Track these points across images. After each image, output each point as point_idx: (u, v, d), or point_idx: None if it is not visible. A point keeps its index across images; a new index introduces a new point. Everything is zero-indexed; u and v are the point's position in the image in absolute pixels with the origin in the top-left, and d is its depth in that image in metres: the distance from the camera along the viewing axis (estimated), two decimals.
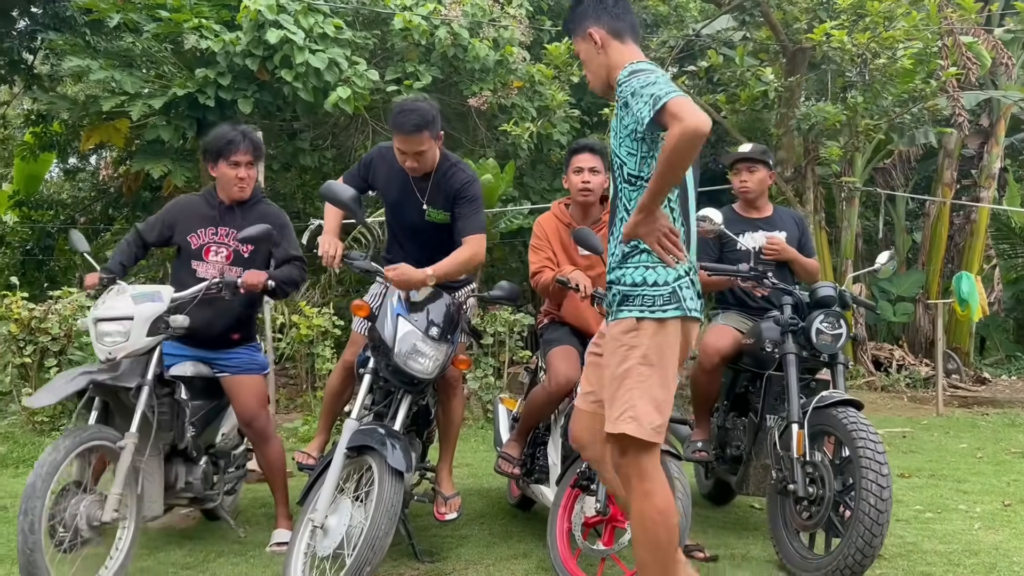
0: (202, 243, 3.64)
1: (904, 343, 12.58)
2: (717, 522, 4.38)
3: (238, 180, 3.60)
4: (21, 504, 2.85)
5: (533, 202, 10.38)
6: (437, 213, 3.63)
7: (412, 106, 3.49)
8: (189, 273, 3.62)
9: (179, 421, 3.46)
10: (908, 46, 6.46)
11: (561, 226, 3.96)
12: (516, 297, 3.66)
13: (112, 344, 3.13)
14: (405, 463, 3.00)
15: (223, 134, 3.64)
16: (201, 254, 3.63)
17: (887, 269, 4.21)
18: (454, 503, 3.72)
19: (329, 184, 3.37)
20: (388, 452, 2.97)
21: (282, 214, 3.79)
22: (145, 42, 8.78)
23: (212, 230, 3.65)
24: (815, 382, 3.83)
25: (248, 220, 3.59)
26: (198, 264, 3.63)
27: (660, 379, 2.46)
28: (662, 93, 2.31)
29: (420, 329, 3.20)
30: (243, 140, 3.59)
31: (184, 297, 3.38)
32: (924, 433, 7.48)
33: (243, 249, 3.63)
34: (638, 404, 2.44)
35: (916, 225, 14.31)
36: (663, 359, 2.47)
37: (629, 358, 2.46)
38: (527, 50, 9.90)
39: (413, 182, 3.61)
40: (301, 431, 6.70)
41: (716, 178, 12.87)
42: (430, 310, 3.27)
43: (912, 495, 4.94)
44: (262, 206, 3.74)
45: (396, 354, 3.17)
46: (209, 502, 3.79)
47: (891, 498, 3.14)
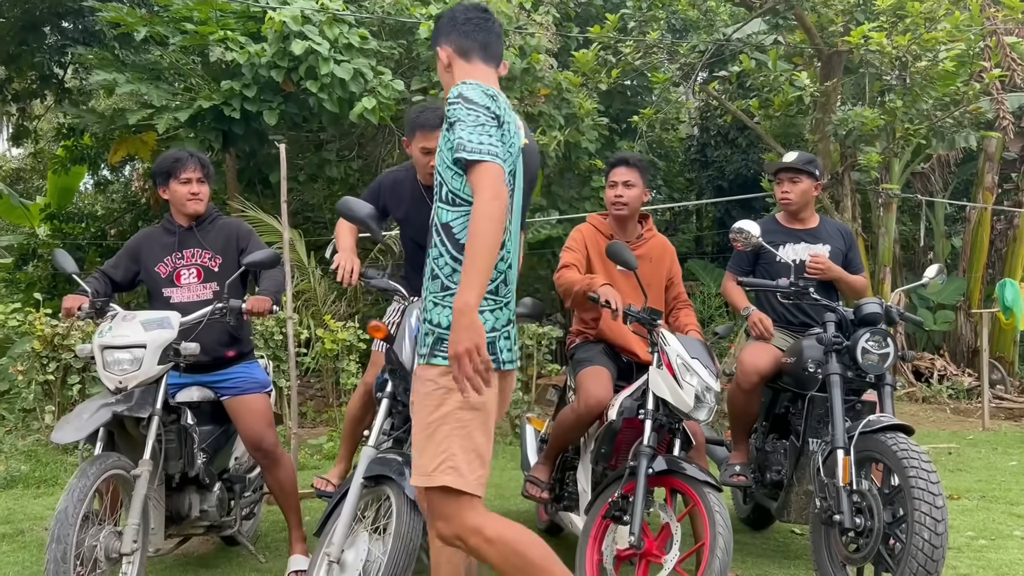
0: (170, 270, 3.61)
1: (945, 352, 12.22)
2: (756, 549, 4.18)
3: (191, 195, 3.58)
4: (53, 531, 2.76)
5: (561, 211, 10.22)
6: None
7: (431, 106, 3.51)
8: (163, 301, 3.56)
9: (187, 448, 3.36)
10: (950, 48, 6.20)
11: (600, 236, 3.82)
12: (539, 315, 3.53)
13: (123, 373, 3.03)
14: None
15: (169, 155, 3.66)
16: (172, 280, 3.59)
17: (936, 283, 3.98)
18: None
19: (345, 200, 3.25)
20: (407, 483, 2.82)
21: (242, 224, 3.82)
22: (172, 55, 8.78)
23: (177, 254, 3.62)
24: (861, 404, 3.61)
25: (209, 237, 3.62)
26: (171, 291, 3.58)
27: (482, 425, 2.26)
28: (471, 150, 2.17)
29: None
30: (190, 158, 3.61)
31: (189, 322, 3.30)
32: (971, 449, 7.18)
33: (212, 264, 3.61)
34: (458, 453, 2.22)
35: (955, 230, 13.94)
36: (484, 404, 2.25)
37: (447, 402, 2.24)
38: (554, 57, 9.77)
39: (425, 194, 3.52)
40: (326, 447, 6.60)
41: (748, 185, 12.65)
42: None
43: (962, 519, 4.69)
44: (220, 220, 3.74)
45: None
46: (227, 528, 3.69)
47: (947, 532, 2.93)
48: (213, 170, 3.71)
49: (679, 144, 14.77)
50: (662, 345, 3.29)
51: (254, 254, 3.40)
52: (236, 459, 3.84)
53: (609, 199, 3.81)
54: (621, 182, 3.76)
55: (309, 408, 8.42)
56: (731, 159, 14.84)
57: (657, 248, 3.89)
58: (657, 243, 3.91)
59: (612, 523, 3.17)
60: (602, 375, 3.59)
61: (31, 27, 10.79)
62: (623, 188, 3.75)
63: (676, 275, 3.95)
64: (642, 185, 3.78)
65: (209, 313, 3.34)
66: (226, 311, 3.36)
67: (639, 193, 3.77)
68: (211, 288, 3.56)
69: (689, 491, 3.08)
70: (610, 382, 3.58)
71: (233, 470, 3.80)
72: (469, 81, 2.32)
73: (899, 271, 12.57)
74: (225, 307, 3.35)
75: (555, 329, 7.54)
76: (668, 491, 3.22)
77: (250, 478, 3.90)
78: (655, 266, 3.83)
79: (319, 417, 8.17)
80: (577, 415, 3.53)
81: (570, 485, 3.75)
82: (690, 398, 3.17)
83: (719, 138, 15.04)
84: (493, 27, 2.48)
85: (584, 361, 3.70)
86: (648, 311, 3.39)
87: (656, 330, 3.35)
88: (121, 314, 3.20)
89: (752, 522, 4.50)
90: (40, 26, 10.99)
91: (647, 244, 3.86)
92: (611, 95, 10.56)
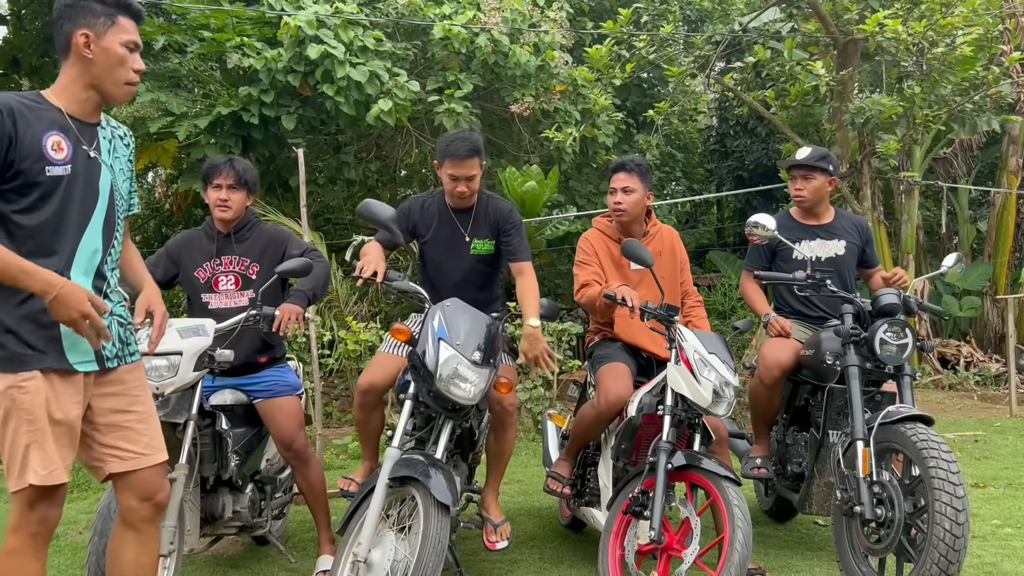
0: (209, 275, 3.66)
1: (971, 338, 12.09)
2: (779, 541, 4.19)
3: (219, 201, 3.63)
4: (95, 525, 2.85)
5: (579, 206, 10.23)
6: (483, 244, 3.68)
7: (462, 134, 3.60)
8: (201, 307, 3.63)
9: (221, 451, 3.43)
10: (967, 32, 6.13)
11: (610, 241, 3.85)
12: (555, 315, 3.56)
13: (160, 379, 3.09)
14: (451, 496, 2.89)
15: (211, 161, 3.71)
16: (211, 286, 3.65)
17: (955, 272, 3.96)
18: (504, 530, 3.60)
19: (366, 203, 3.32)
20: (433, 485, 2.87)
21: (280, 230, 3.86)
22: (191, 62, 8.89)
23: (216, 261, 3.66)
24: (880, 395, 3.61)
25: (247, 244, 3.67)
26: (209, 296, 3.64)
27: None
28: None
29: (463, 354, 3.08)
30: (226, 165, 3.64)
31: (223, 329, 3.35)
32: (998, 437, 7.12)
33: (250, 271, 3.66)
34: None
35: (981, 215, 13.76)
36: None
37: None
38: (569, 52, 9.77)
39: (455, 216, 3.65)
40: (351, 447, 6.66)
41: (769, 174, 12.56)
42: (472, 333, 3.15)
43: (988, 508, 4.67)
44: (260, 227, 3.77)
45: (438, 379, 3.06)
46: (258, 529, 3.76)
47: (968, 521, 2.93)
48: (255, 177, 3.73)
49: (698, 135, 14.71)
50: (679, 341, 3.31)
51: (286, 263, 3.46)
52: (267, 461, 3.91)
53: (609, 205, 3.86)
54: (620, 188, 3.80)
55: (335, 408, 8.51)
56: (751, 149, 14.74)
57: (666, 240, 3.93)
58: (664, 235, 3.95)
59: (633, 519, 3.20)
60: (621, 371, 3.61)
61: (52, 39, 10.95)
62: (622, 195, 3.79)
63: (684, 261, 4.00)
64: (643, 189, 3.80)
65: (243, 320, 3.39)
66: (259, 318, 3.41)
67: (639, 197, 3.79)
68: (247, 295, 3.62)
69: (708, 485, 3.10)
70: (630, 378, 3.60)
71: (264, 472, 3.87)
72: None
73: (923, 258, 12.43)
74: (259, 314, 3.41)
75: (575, 325, 7.56)
76: (688, 486, 3.25)
77: (280, 479, 3.97)
78: (667, 258, 3.88)
79: (344, 417, 8.26)
80: (597, 411, 3.57)
81: (591, 481, 3.78)
82: (708, 393, 3.19)
83: (738, 128, 14.95)
84: None
85: (603, 358, 3.73)
86: (665, 307, 3.42)
87: (674, 326, 3.38)
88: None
89: (775, 514, 4.51)
90: None
91: (655, 239, 3.89)
92: (627, 88, 10.54)
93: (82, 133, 2.34)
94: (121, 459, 2.41)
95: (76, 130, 2.33)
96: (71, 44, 2.31)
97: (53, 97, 2.34)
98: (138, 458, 2.42)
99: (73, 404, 2.29)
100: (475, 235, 3.67)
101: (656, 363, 3.74)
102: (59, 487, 2.28)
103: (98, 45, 2.31)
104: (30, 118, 2.24)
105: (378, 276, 3.29)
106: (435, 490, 2.86)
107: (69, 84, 2.35)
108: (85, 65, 2.33)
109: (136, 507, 2.44)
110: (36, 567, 2.27)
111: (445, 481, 2.92)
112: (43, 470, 2.22)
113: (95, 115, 2.41)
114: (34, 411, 2.22)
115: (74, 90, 2.34)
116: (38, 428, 2.22)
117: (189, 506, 3.27)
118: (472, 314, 3.25)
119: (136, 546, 2.47)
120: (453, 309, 3.21)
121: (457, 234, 3.68)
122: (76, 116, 2.34)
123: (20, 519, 2.27)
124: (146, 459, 2.44)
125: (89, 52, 2.31)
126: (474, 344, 3.11)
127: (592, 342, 3.95)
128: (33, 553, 2.27)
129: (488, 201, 3.71)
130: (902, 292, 3.65)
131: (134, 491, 2.43)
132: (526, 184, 9.14)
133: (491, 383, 3.19)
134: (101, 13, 2.31)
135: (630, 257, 3.51)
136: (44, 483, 2.23)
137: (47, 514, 2.28)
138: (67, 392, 2.28)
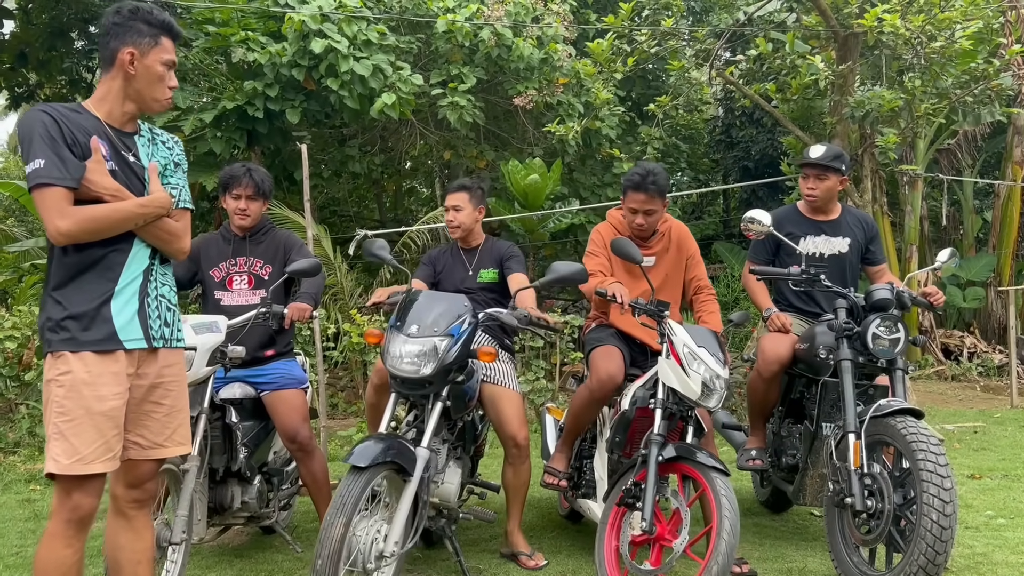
0: (223, 275, 3.84)
1: (975, 329, 12.11)
2: (774, 532, 4.25)
3: (238, 211, 3.83)
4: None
5: (583, 198, 10.28)
6: (487, 272, 4.04)
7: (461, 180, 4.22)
8: (214, 304, 3.79)
9: (231, 444, 3.55)
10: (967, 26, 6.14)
11: (619, 236, 3.89)
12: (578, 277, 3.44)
13: None
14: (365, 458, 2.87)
15: (230, 170, 3.88)
16: (225, 285, 3.83)
17: (949, 267, 4.00)
18: (537, 557, 3.77)
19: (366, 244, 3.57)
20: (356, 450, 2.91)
21: (292, 235, 4.06)
22: (196, 56, 8.95)
23: (231, 261, 3.85)
24: (873, 389, 3.67)
25: (261, 247, 3.87)
26: (222, 294, 3.81)
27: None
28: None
29: (401, 331, 3.16)
30: (244, 175, 3.81)
31: (234, 326, 3.47)
32: (997, 428, 7.17)
33: (262, 272, 3.83)
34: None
35: (986, 204, 13.74)
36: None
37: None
38: (572, 45, 9.79)
39: (463, 254, 4.10)
40: (356, 439, 6.76)
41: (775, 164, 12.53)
42: (424, 315, 3.21)
43: (983, 499, 4.73)
44: (272, 232, 3.96)
45: (388, 364, 3.15)
46: (265, 519, 3.87)
47: (955, 513, 2.99)
48: (271, 185, 3.93)
49: (703, 125, 14.69)
50: (669, 335, 3.37)
51: (297, 262, 3.59)
52: (275, 453, 4.01)
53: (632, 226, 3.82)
54: (642, 211, 3.76)
55: (340, 399, 8.61)
56: (757, 139, 14.74)
57: (673, 236, 3.95)
58: (673, 231, 3.97)
59: (627, 510, 3.27)
60: (613, 353, 3.70)
61: (59, 33, 11.04)
62: (643, 217, 3.77)
63: (694, 254, 4.01)
64: (662, 206, 3.80)
65: (253, 317, 3.54)
66: (269, 316, 3.55)
67: (658, 216, 3.82)
68: (259, 295, 3.78)
69: (698, 476, 3.17)
70: (621, 360, 3.68)
71: (271, 464, 3.98)
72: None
73: (928, 248, 12.44)
74: (268, 312, 3.55)
75: (577, 317, 7.62)
76: (679, 477, 3.32)
77: (287, 471, 4.07)
78: (672, 254, 3.92)
79: (349, 409, 8.35)
80: (590, 391, 3.65)
81: (588, 473, 3.85)
82: (697, 386, 3.25)
83: (744, 118, 14.96)
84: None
85: (596, 341, 3.81)
86: (655, 303, 3.47)
87: (664, 321, 3.44)
88: None
89: (771, 505, 4.58)
90: (68, 32, 11.24)
91: (664, 237, 3.92)
92: (631, 80, 10.56)
93: (120, 141, 2.46)
94: (141, 447, 2.49)
95: (115, 137, 2.45)
96: (116, 59, 2.43)
97: (92, 107, 2.46)
98: (153, 449, 2.50)
99: (114, 393, 2.35)
100: (480, 267, 4.05)
101: (650, 352, 3.80)
102: (93, 477, 2.33)
103: (141, 63, 2.43)
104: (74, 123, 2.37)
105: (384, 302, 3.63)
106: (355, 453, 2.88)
107: (108, 95, 2.46)
108: (128, 80, 2.44)
109: (122, 494, 2.51)
110: (67, 554, 2.33)
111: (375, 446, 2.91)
112: (66, 459, 2.30)
113: (131, 124, 2.52)
114: (64, 403, 2.31)
115: (114, 101, 2.45)
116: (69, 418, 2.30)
117: (198, 497, 3.37)
118: (439, 299, 3.33)
119: (128, 533, 2.54)
120: (419, 299, 3.30)
121: (461, 267, 4.06)
122: (114, 125, 2.45)
123: (56, 504, 2.36)
124: (159, 451, 2.51)
125: (133, 69, 2.43)
126: (418, 320, 3.18)
127: (588, 328, 4.02)
128: (66, 540, 2.33)
129: (493, 242, 4.16)
130: (895, 287, 3.69)
131: (125, 477, 2.49)
132: (529, 177, 9.19)
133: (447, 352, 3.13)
134: (147, 33, 2.44)
135: (619, 255, 3.54)
136: (64, 472, 2.30)
137: (79, 502, 2.33)
138: (107, 378, 2.35)
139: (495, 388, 3.74)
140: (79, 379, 2.32)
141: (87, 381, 2.33)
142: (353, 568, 2.82)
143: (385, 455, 2.91)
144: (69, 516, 2.34)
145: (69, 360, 2.34)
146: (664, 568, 3.09)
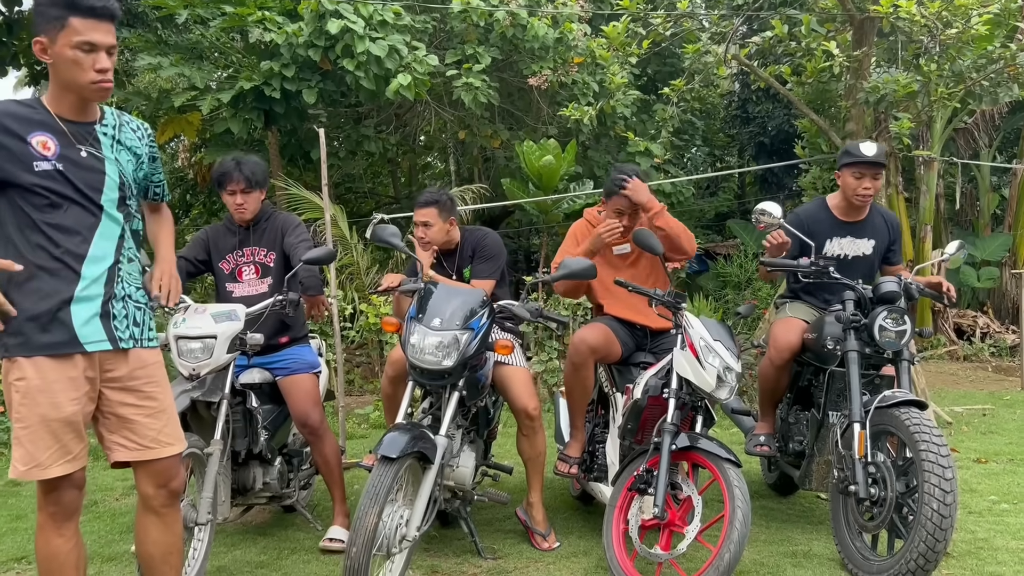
0: (232, 267, 3.96)
1: (989, 309, 12.10)
2: (781, 515, 4.36)
3: (236, 206, 3.89)
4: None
5: (597, 177, 10.31)
6: (468, 271, 4.01)
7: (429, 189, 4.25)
8: (227, 295, 3.91)
9: (252, 427, 3.69)
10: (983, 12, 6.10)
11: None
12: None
13: (195, 361, 3.32)
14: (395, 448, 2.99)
15: (221, 167, 3.90)
16: (235, 276, 3.95)
17: (957, 258, 4.05)
18: (551, 538, 3.87)
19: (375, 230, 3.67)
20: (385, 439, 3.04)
21: (288, 217, 4.13)
22: (214, 34, 9.01)
23: (238, 252, 3.96)
24: (879, 379, 3.75)
25: (265, 235, 3.94)
26: (233, 285, 3.93)
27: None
28: None
29: (426, 325, 3.26)
30: (235, 171, 3.84)
31: (253, 313, 3.58)
32: (1006, 411, 7.22)
33: (268, 260, 3.93)
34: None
35: (1004, 181, 13.64)
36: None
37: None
38: (587, 24, 9.78)
39: (443, 258, 4.05)
40: (372, 417, 6.90)
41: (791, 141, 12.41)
42: (443, 307, 3.31)
43: (988, 483, 4.81)
44: (273, 218, 4.01)
45: (409, 355, 3.26)
46: (286, 499, 4.05)
47: (956, 502, 3.08)
48: (264, 173, 3.97)
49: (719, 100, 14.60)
50: (686, 328, 3.46)
51: (313, 251, 3.62)
52: (294, 435, 4.17)
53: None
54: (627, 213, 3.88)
55: (356, 375, 8.77)
56: (773, 114, 14.64)
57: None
58: None
59: (637, 495, 3.38)
60: (597, 327, 3.88)
61: None
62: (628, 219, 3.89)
63: None
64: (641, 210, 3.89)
65: (270, 305, 3.65)
66: (285, 303, 3.68)
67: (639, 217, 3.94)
68: (267, 283, 3.91)
69: (710, 466, 3.27)
70: (608, 334, 3.84)
71: (291, 445, 4.14)
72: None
73: (943, 227, 12.40)
74: (285, 299, 3.68)
75: None
76: (690, 466, 3.42)
77: (306, 452, 4.22)
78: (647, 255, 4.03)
79: (366, 386, 8.50)
80: (569, 360, 3.84)
81: (600, 458, 3.97)
82: (712, 378, 3.35)
83: (760, 93, 14.83)
84: None
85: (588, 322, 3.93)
86: (673, 294, 3.57)
87: (680, 313, 3.53)
88: (193, 307, 3.47)
89: (778, 488, 4.68)
90: None
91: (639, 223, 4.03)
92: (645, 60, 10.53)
93: (75, 133, 2.35)
94: (127, 449, 2.47)
95: (68, 131, 2.34)
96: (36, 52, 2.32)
97: (46, 101, 2.37)
98: (143, 450, 2.47)
99: (71, 399, 2.31)
100: (462, 266, 4.04)
101: (650, 334, 3.96)
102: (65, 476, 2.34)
103: (53, 50, 2.27)
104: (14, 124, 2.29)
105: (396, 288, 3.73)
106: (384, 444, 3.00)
107: (53, 87, 2.37)
108: (52, 69, 2.32)
109: (153, 494, 2.53)
110: (60, 542, 2.39)
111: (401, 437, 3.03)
112: (22, 466, 2.32)
113: (86, 113, 2.40)
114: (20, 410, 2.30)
115: (56, 93, 2.35)
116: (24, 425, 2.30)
117: (222, 479, 3.51)
118: (456, 293, 3.43)
119: (158, 527, 2.58)
120: (437, 292, 3.40)
121: (447, 273, 4.03)
122: (66, 117, 2.35)
123: (39, 500, 2.40)
124: (151, 452, 2.48)
125: (48, 57, 2.29)
126: (439, 313, 3.28)
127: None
128: (56, 529, 2.39)
129: (467, 234, 4.08)
130: (902, 279, 3.75)
131: (150, 479, 2.52)
132: (543, 158, 9.23)
133: (468, 345, 3.25)
134: (52, 17, 2.25)
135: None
136: (23, 479, 2.35)
137: (60, 497, 2.36)
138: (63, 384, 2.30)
139: (503, 367, 3.86)
140: (33, 386, 2.29)
141: (41, 388, 2.29)
142: (378, 552, 2.95)
143: (413, 445, 3.03)
144: (53, 510, 2.38)
145: (23, 366, 2.30)
146: (674, 553, 3.20)
